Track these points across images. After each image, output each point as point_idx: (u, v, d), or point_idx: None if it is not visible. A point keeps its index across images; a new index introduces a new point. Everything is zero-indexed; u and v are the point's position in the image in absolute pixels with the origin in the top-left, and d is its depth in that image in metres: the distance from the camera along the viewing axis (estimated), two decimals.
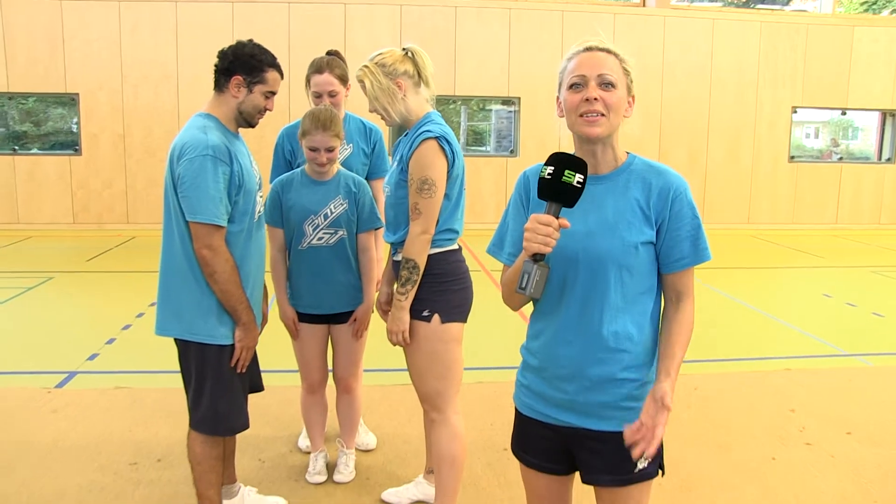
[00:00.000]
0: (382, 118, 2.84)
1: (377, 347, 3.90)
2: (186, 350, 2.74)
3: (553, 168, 1.74)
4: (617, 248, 1.82)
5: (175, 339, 2.76)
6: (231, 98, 2.75)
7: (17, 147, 12.51)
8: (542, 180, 1.75)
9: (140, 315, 6.61)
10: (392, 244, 2.91)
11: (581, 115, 1.83)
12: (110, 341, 5.86)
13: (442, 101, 13.78)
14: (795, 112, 13.28)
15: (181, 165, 2.58)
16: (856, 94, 13.25)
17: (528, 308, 2.02)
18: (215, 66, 2.76)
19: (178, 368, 2.83)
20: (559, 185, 1.73)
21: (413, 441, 3.88)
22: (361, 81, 2.80)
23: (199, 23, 11.77)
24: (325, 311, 3.27)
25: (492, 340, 5.82)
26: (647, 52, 12.63)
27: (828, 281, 8.95)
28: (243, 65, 2.72)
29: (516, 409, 2.06)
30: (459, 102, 14.10)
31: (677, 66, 12.74)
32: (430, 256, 2.75)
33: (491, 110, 14.45)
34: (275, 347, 3.86)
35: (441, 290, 2.78)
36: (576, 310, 1.85)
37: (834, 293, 8.02)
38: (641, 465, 1.89)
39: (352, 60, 3.31)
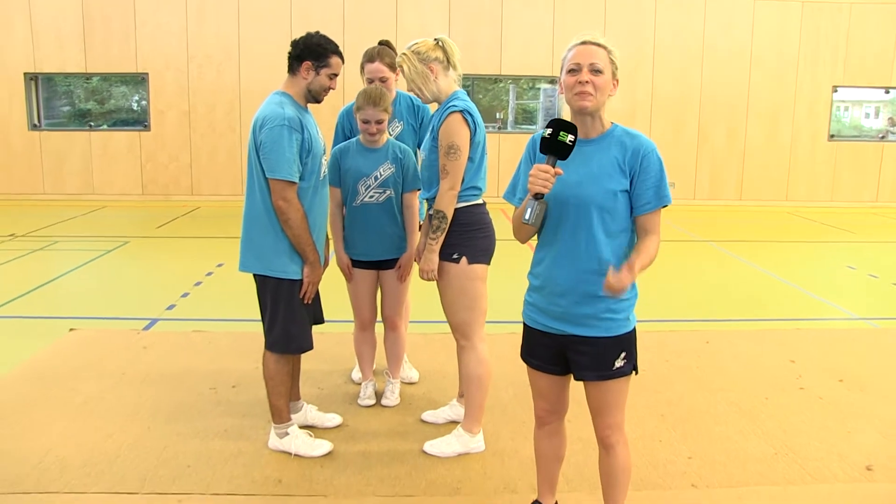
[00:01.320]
0: (418, 96, 3.45)
1: (423, 301, 4.51)
2: (264, 284, 3.38)
3: (552, 130, 2.31)
4: (599, 194, 2.38)
5: (255, 275, 3.40)
6: (301, 79, 3.36)
7: (92, 123, 13.45)
8: (543, 139, 2.33)
9: (209, 274, 7.35)
10: (427, 200, 3.50)
11: (576, 93, 2.38)
12: (185, 295, 6.60)
13: (489, 81, 14.28)
14: (836, 91, 13.42)
15: (262, 133, 3.21)
16: None
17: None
18: (289, 53, 3.38)
19: (254, 309, 3.49)
20: (556, 142, 2.30)
21: (450, 377, 4.47)
22: (400, 66, 3.41)
23: (259, 7, 12.49)
24: (375, 258, 3.89)
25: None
26: (687, 32, 12.94)
27: (855, 254, 9.27)
28: (312, 52, 3.33)
29: (524, 323, 2.64)
30: (509, 81, 14.55)
31: (717, 46, 13.00)
32: (458, 209, 3.35)
33: (540, 89, 14.86)
34: (332, 297, 4.47)
35: (469, 237, 3.38)
36: (568, 241, 2.42)
37: (858, 265, 8.37)
38: (619, 364, 2.46)
39: (403, 41, 3.86)
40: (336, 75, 3.41)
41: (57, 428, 3.75)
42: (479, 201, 3.46)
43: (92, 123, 13.43)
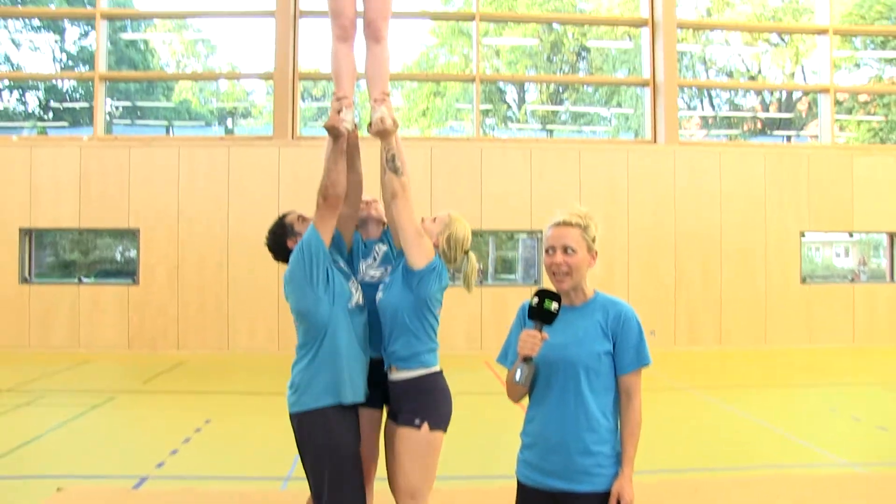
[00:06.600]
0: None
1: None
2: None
3: (538, 299, 2.54)
4: (585, 356, 2.58)
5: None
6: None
7: (82, 277, 13.70)
8: (530, 307, 2.56)
9: (198, 430, 7.31)
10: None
11: (553, 276, 2.64)
12: (174, 452, 6.57)
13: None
14: (804, 236, 14.04)
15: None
16: (861, 217, 14.02)
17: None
18: (274, 254, 3.80)
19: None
20: (542, 310, 2.53)
21: None
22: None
23: (248, 164, 13.13)
24: None
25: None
26: (658, 180, 13.63)
27: (836, 397, 9.40)
28: (284, 235, 3.76)
29: (518, 481, 2.76)
30: (489, 234, 15.02)
31: (688, 195, 13.64)
32: (421, 377, 3.46)
33: (518, 240, 15.33)
34: None
35: (432, 404, 3.45)
36: (557, 400, 2.60)
37: (840, 408, 8.50)
38: None
39: None
40: (306, 218, 3.74)
41: None
42: (438, 368, 3.54)
43: (81, 277, 13.68)
